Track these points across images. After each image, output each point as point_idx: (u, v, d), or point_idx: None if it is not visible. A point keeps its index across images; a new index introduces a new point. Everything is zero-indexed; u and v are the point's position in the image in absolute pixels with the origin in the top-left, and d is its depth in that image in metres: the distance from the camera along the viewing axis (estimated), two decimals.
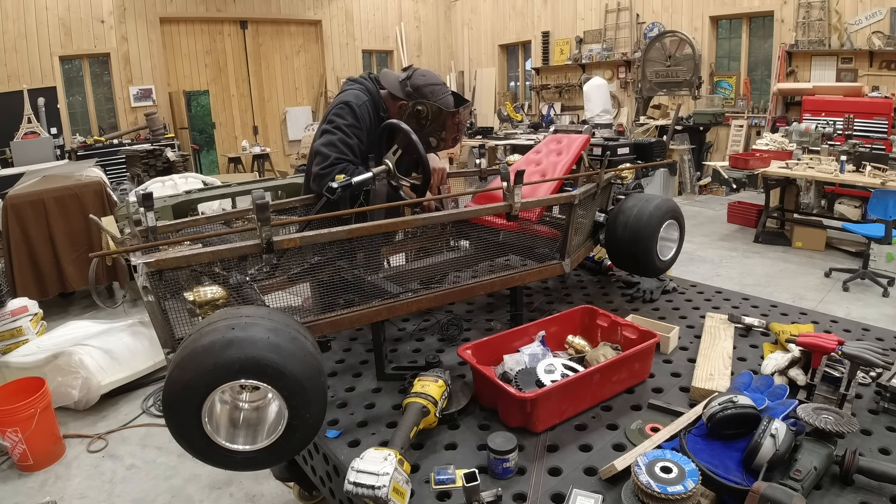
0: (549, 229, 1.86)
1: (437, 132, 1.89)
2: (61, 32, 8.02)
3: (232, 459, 1.06)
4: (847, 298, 4.29)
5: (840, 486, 1.04)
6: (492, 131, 9.61)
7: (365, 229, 1.43)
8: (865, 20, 6.79)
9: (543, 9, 10.55)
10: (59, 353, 3.12)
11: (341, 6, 10.87)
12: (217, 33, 9.77)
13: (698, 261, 5.23)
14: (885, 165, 4.88)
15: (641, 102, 8.22)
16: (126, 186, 5.78)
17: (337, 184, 1.64)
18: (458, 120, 1.88)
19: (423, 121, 1.86)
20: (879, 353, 1.26)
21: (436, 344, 1.75)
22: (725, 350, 1.54)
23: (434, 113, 1.85)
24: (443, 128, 1.88)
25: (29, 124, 7.43)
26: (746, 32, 8.17)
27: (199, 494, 2.50)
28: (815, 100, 6.74)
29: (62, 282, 4.38)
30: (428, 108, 1.84)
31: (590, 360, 1.44)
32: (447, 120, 1.87)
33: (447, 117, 1.86)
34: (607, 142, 5.64)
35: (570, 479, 1.10)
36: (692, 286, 2.14)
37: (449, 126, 1.88)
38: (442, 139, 1.91)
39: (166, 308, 1.23)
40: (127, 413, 3.15)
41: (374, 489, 0.97)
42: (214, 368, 0.98)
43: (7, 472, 2.69)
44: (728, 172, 5.93)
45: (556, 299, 2.04)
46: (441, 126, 1.88)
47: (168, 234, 1.58)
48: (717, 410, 1.08)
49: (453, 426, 1.31)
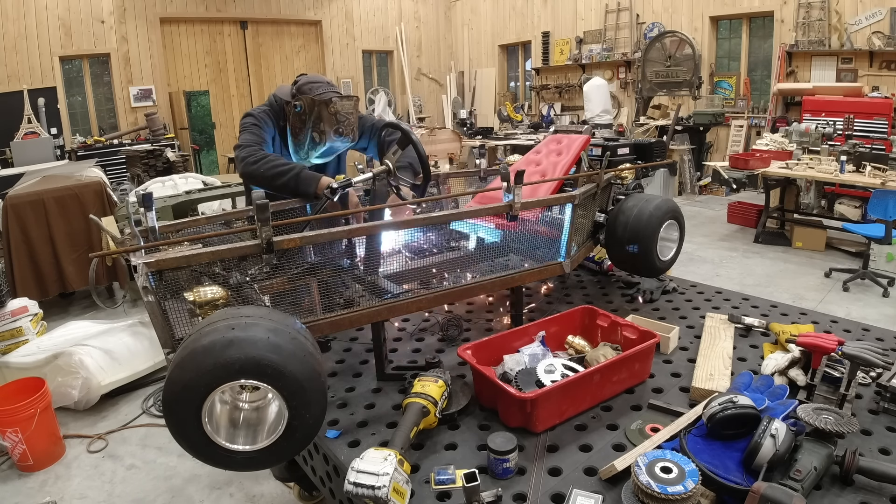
0: (550, 229, 1.86)
1: (318, 125, 1.92)
2: (61, 32, 8.02)
3: (232, 459, 1.06)
4: (847, 298, 4.29)
5: (840, 487, 1.04)
6: (492, 131, 9.61)
7: (365, 229, 1.43)
8: (865, 20, 6.79)
9: (543, 9, 10.55)
10: (59, 353, 3.12)
11: (341, 6, 10.87)
12: (217, 33, 9.77)
13: (698, 261, 5.23)
14: (885, 165, 4.88)
15: (641, 103, 8.22)
16: (126, 187, 5.78)
17: (337, 184, 1.64)
18: (333, 110, 1.89)
19: (304, 116, 1.92)
20: (879, 353, 1.26)
21: (436, 344, 1.75)
22: (725, 350, 1.54)
23: (309, 105, 1.90)
24: (320, 119, 1.90)
25: (29, 124, 7.43)
26: (746, 32, 8.17)
27: (199, 494, 2.50)
28: (815, 100, 6.74)
29: (62, 282, 4.38)
30: (304, 103, 1.91)
31: (590, 360, 1.44)
32: (322, 111, 1.89)
33: (321, 108, 1.89)
34: (607, 142, 5.64)
35: (570, 480, 1.10)
36: (692, 286, 2.14)
37: (326, 117, 1.90)
38: (322, 132, 1.93)
39: (166, 308, 1.23)
40: (127, 413, 3.15)
41: (374, 489, 0.97)
42: (214, 368, 0.98)
43: (7, 473, 2.69)
44: (728, 173, 5.92)
45: (556, 299, 2.04)
46: (319, 118, 1.91)
47: (168, 235, 1.58)
48: (717, 410, 1.08)
49: (453, 426, 1.31)
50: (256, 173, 1.81)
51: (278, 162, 1.81)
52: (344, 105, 1.92)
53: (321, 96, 1.90)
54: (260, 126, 1.96)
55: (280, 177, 1.79)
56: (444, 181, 2.32)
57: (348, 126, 1.95)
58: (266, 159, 1.82)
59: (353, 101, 1.97)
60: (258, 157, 1.82)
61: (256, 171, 1.81)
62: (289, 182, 1.78)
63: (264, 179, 1.80)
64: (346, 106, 1.93)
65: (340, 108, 1.91)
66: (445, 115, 11.41)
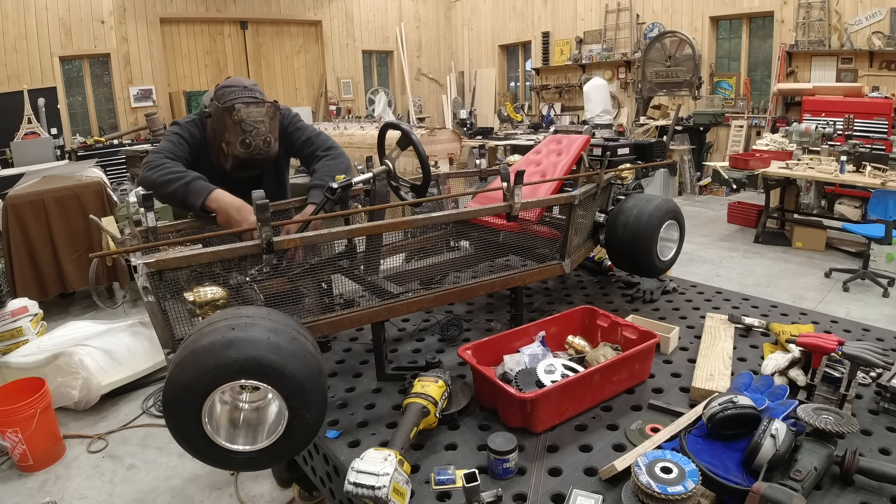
0: (550, 230, 1.86)
1: (223, 134, 1.75)
2: (61, 33, 8.02)
3: (232, 460, 1.06)
4: (847, 299, 4.29)
5: (840, 487, 1.04)
6: (492, 132, 9.60)
7: (365, 229, 1.43)
8: (865, 20, 6.79)
9: (543, 9, 10.55)
10: (60, 353, 3.12)
11: (341, 6, 10.87)
12: (217, 34, 9.77)
13: (698, 261, 5.23)
14: (885, 166, 4.88)
15: (641, 103, 8.22)
16: (126, 187, 5.77)
17: (337, 184, 1.64)
18: (237, 118, 1.69)
19: (213, 124, 1.77)
20: (879, 353, 1.26)
21: (436, 344, 1.75)
22: (725, 350, 1.54)
23: (217, 113, 1.73)
24: (225, 128, 1.73)
25: (29, 125, 7.43)
26: (746, 33, 8.17)
27: (199, 494, 2.50)
28: (815, 100, 6.74)
29: (62, 282, 4.37)
30: (213, 109, 1.75)
31: (590, 360, 1.44)
32: (226, 119, 1.71)
33: (225, 115, 1.70)
34: (607, 142, 5.63)
35: (570, 480, 1.10)
36: (692, 286, 2.14)
37: (229, 126, 1.71)
38: (228, 142, 1.73)
39: (166, 308, 1.23)
40: (127, 413, 3.15)
41: (374, 489, 0.97)
42: (214, 369, 0.98)
43: (7, 473, 2.69)
44: (728, 173, 5.92)
45: (556, 299, 2.04)
46: (224, 127, 1.73)
47: (168, 235, 1.58)
48: (718, 411, 1.08)
49: (453, 426, 1.31)
50: (149, 180, 1.67)
51: (173, 170, 1.67)
52: (251, 113, 1.71)
53: (226, 102, 1.70)
54: (182, 136, 1.81)
55: (169, 184, 1.64)
56: (444, 181, 2.32)
57: (257, 136, 1.73)
58: (162, 166, 1.67)
59: (266, 107, 1.75)
60: (156, 163, 1.69)
61: (149, 177, 1.67)
62: (177, 191, 1.63)
63: (155, 187, 1.65)
64: (252, 114, 1.71)
65: (245, 115, 1.70)
66: (445, 116, 11.41)
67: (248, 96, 1.73)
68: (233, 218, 1.60)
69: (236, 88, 1.75)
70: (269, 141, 1.77)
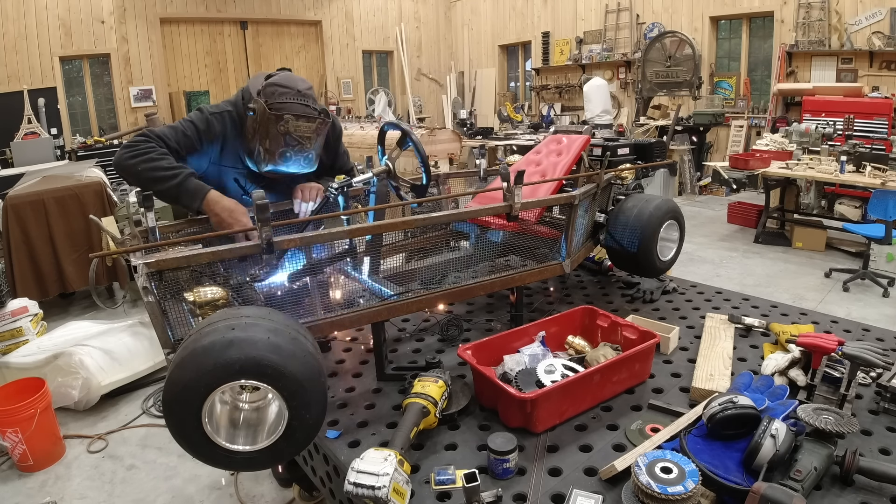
0: (550, 230, 1.86)
1: (263, 140, 1.60)
2: (61, 33, 8.02)
3: (232, 460, 1.06)
4: (847, 299, 4.28)
5: (840, 487, 1.04)
6: (492, 132, 9.60)
7: (365, 229, 1.43)
8: (865, 20, 6.79)
9: (543, 9, 10.55)
10: (60, 353, 3.11)
11: (341, 6, 10.87)
12: (217, 34, 9.77)
13: (698, 261, 5.23)
14: (885, 166, 4.88)
15: (641, 103, 8.22)
16: (126, 187, 5.77)
17: (337, 184, 1.64)
18: (283, 129, 1.56)
19: (255, 123, 1.61)
20: (879, 353, 1.26)
21: (436, 344, 1.75)
22: (725, 350, 1.54)
23: (262, 116, 1.58)
24: (267, 134, 1.59)
25: (29, 125, 7.42)
26: (746, 33, 8.17)
27: (199, 495, 2.50)
28: (815, 100, 6.74)
29: (62, 282, 4.37)
30: (257, 108, 1.59)
31: (590, 360, 1.44)
32: (271, 125, 1.57)
33: (270, 122, 1.57)
34: (607, 142, 5.62)
35: (570, 480, 1.10)
36: (692, 286, 2.14)
37: (272, 133, 1.57)
38: (267, 149, 1.61)
39: (166, 308, 1.23)
40: (127, 413, 3.15)
41: (374, 489, 0.97)
42: (214, 369, 0.98)
43: (7, 473, 2.69)
44: (728, 173, 5.92)
45: (556, 300, 2.04)
46: (266, 132, 1.59)
47: (168, 235, 1.58)
48: (718, 411, 1.08)
49: (453, 426, 1.31)
50: (127, 165, 1.53)
51: (164, 164, 1.54)
52: (299, 127, 1.58)
53: (274, 107, 1.57)
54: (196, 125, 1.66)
55: (159, 182, 1.52)
56: (444, 181, 2.32)
57: (300, 152, 1.61)
58: (148, 157, 1.53)
59: (316, 123, 1.61)
60: (141, 149, 1.54)
61: (132, 165, 1.52)
62: (169, 191, 1.53)
63: (139, 181, 1.53)
64: (301, 128, 1.58)
65: (293, 129, 1.57)
66: (445, 116, 11.40)
67: (300, 104, 1.59)
68: (225, 220, 1.55)
69: (289, 91, 1.59)
70: (311, 158, 1.66)
